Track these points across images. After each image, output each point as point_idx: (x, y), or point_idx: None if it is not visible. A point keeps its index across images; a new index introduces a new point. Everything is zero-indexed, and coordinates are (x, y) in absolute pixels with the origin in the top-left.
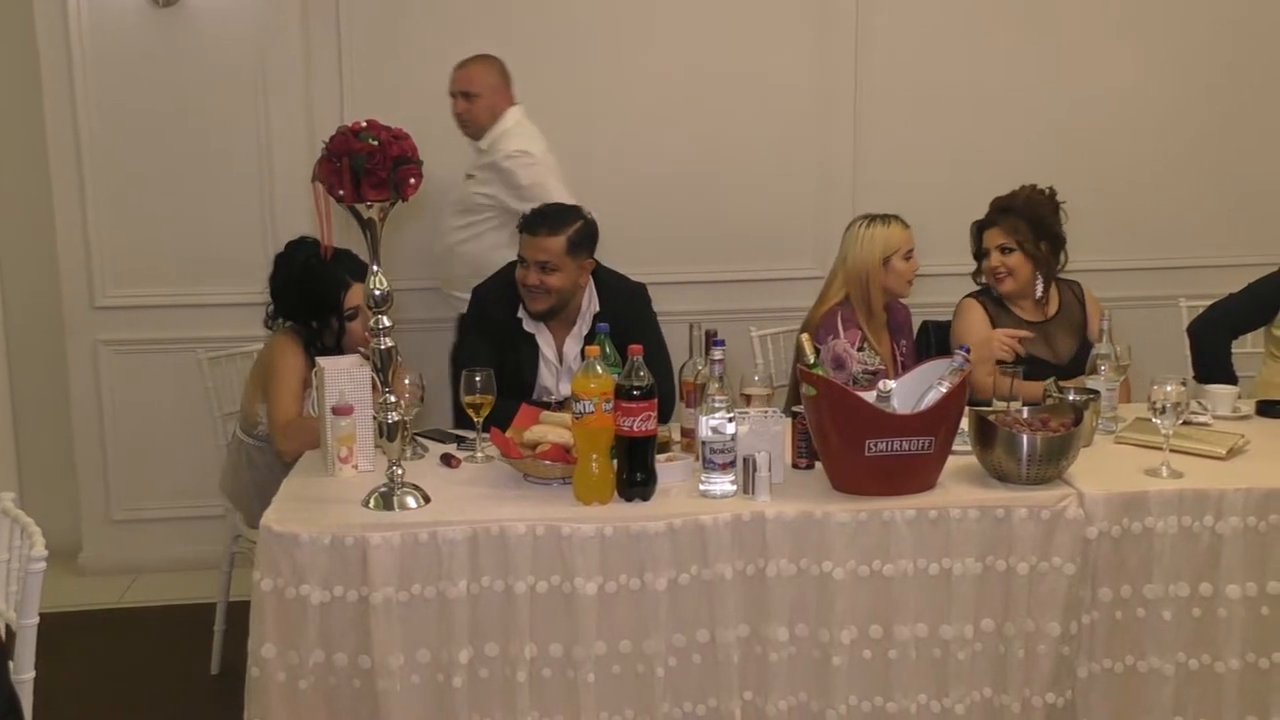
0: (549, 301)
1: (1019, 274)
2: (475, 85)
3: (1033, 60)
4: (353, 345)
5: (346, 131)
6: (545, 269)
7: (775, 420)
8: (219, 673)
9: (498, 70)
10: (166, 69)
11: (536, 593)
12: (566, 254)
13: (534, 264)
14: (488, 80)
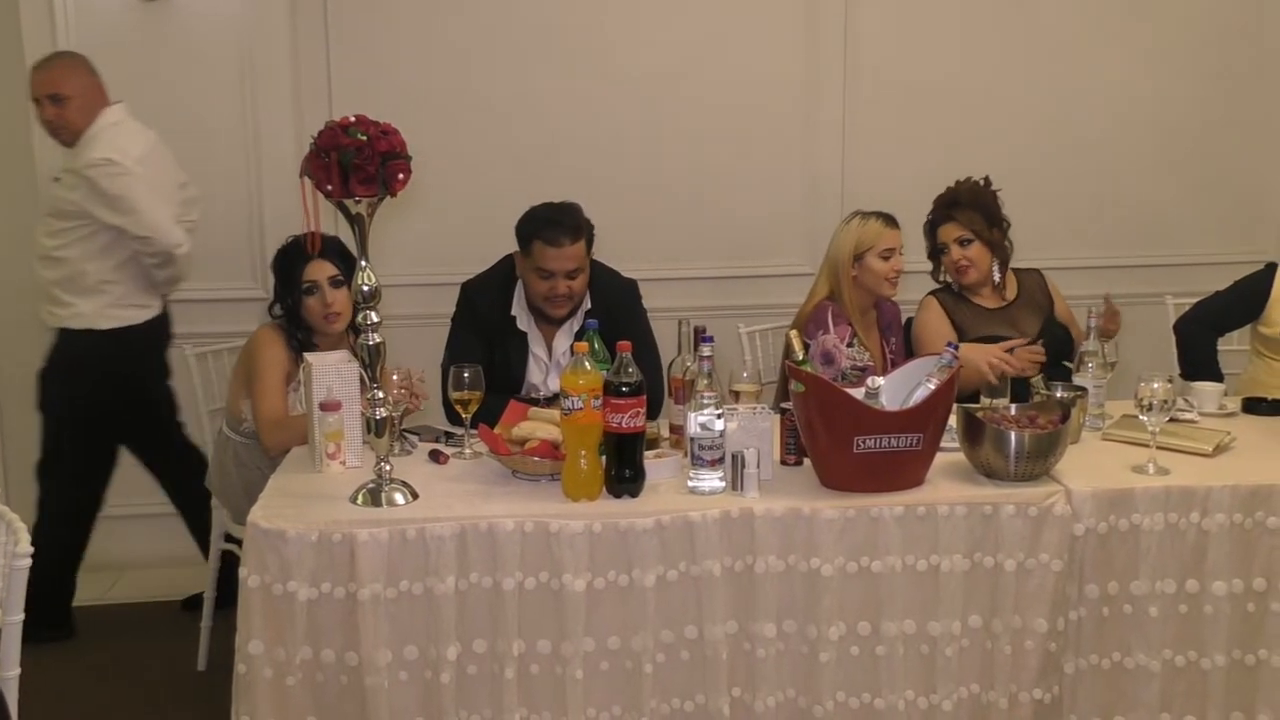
0: (572, 305)
1: (980, 263)
2: (64, 87)
3: (1021, 59)
4: (311, 322)
5: (335, 126)
6: (573, 275)
7: (764, 417)
8: (206, 669)
9: (85, 68)
10: (153, 63)
11: (525, 589)
12: (586, 255)
13: (563, 274)
14: (77, 80)
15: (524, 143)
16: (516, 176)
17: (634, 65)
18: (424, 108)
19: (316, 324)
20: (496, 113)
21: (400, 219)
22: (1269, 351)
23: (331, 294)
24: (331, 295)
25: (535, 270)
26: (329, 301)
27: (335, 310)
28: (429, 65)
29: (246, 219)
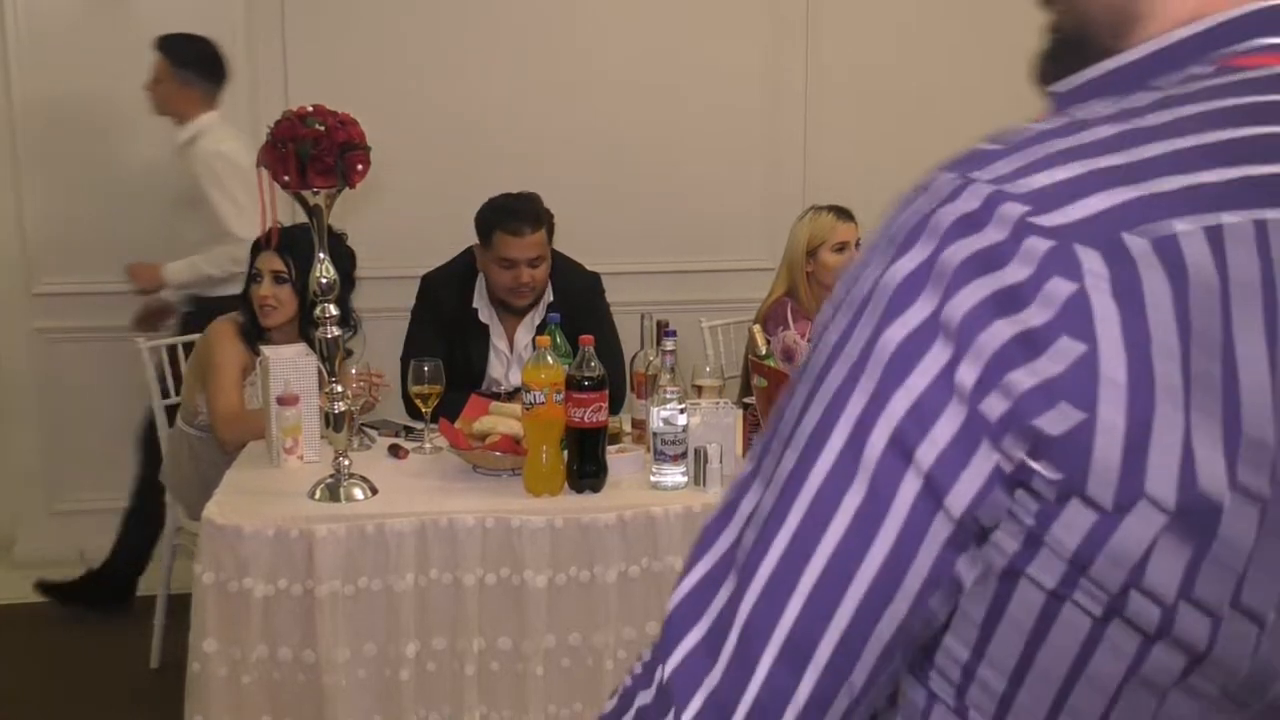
0: (535, 294)
1: None
2: None
3: (983, 53)
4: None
5: (292, 117)
6: (535, 264)
7: (727, 412)
8: (159, 667)
9: None
10: (105, 53)
11: (485, 585)
12: (547, 243)
13: (525, 263)
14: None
15: (485, 135)
16: (478, 169)
17: (596, 59)
18: (383, 99)
19: (256, 311)
20: (457, 105)
21: (361, 211)
22: None
23: (269, 287)
24: (269, 288)
25: (497, 261)
26: (264, 293)
27: (269, 303)
28: (388, 56)
29: None
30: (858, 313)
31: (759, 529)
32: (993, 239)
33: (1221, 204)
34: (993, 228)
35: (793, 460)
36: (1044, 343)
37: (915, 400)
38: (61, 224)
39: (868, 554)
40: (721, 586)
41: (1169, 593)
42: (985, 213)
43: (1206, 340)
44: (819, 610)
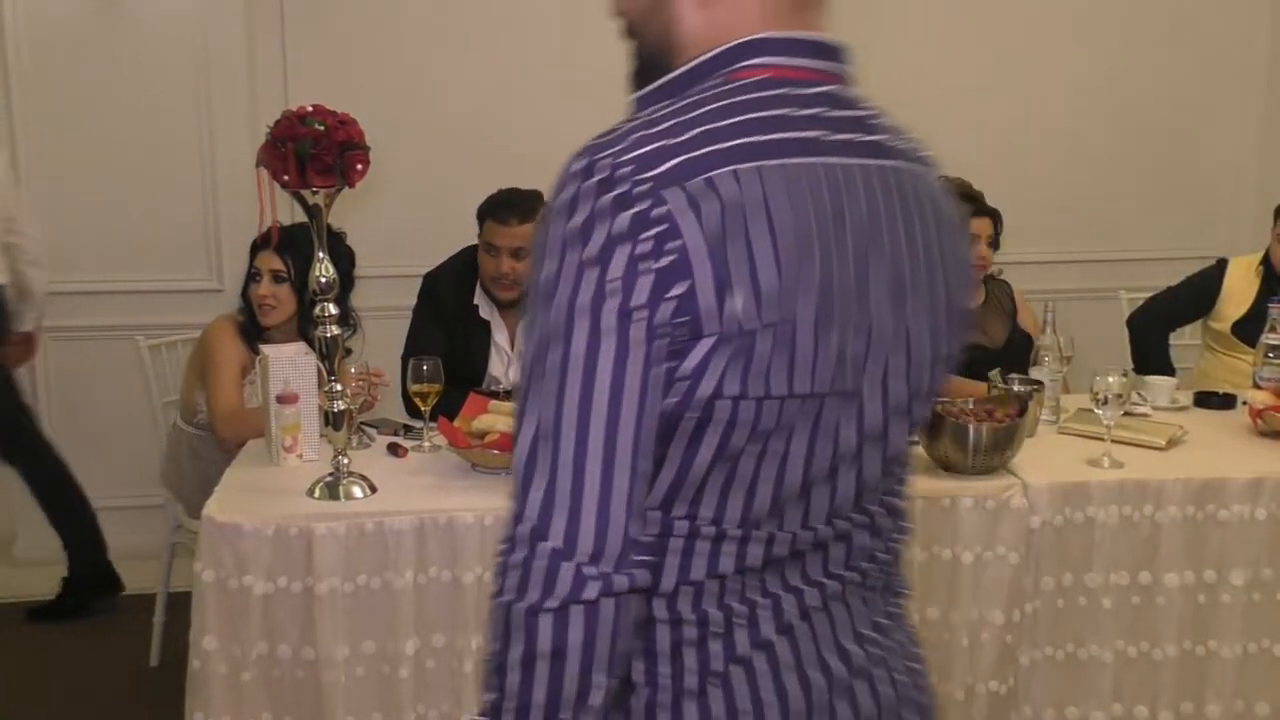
0: (518, 288)
1: (988, 266)
2: None
3: (978, 53)
4: (256, 306)
5: (292, 116)
6: (520, 255)
7: None
8: (158, 665)
9: None
10: (105, 51)
11: (484, 583)
12: None
13: (508, 251)
14: None
15: (484, 135)
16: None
17: (595, 59)
18: (383, 98)
19: (255, 310)
20: (456, 104)
21: (360, 211)
22: (1220, 346)
23: (268, 286)
24: (267, 287)
25: (484, 246)
26: (263, 293)
27: (268, 303)
28: (387, 55)
29: (201, 211)
30: (562, 251)
31: (553, 403)
32: (620, 190)
33: (738, 159)
34: (619, 185)
35: (559, 350)
36: (661, 244)
37: (622, 281)
38: (60, 223)
39: (626, 379)
40: (541, 451)
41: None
42: (612, 177)
43: (738, 233)
44: (612, 428)
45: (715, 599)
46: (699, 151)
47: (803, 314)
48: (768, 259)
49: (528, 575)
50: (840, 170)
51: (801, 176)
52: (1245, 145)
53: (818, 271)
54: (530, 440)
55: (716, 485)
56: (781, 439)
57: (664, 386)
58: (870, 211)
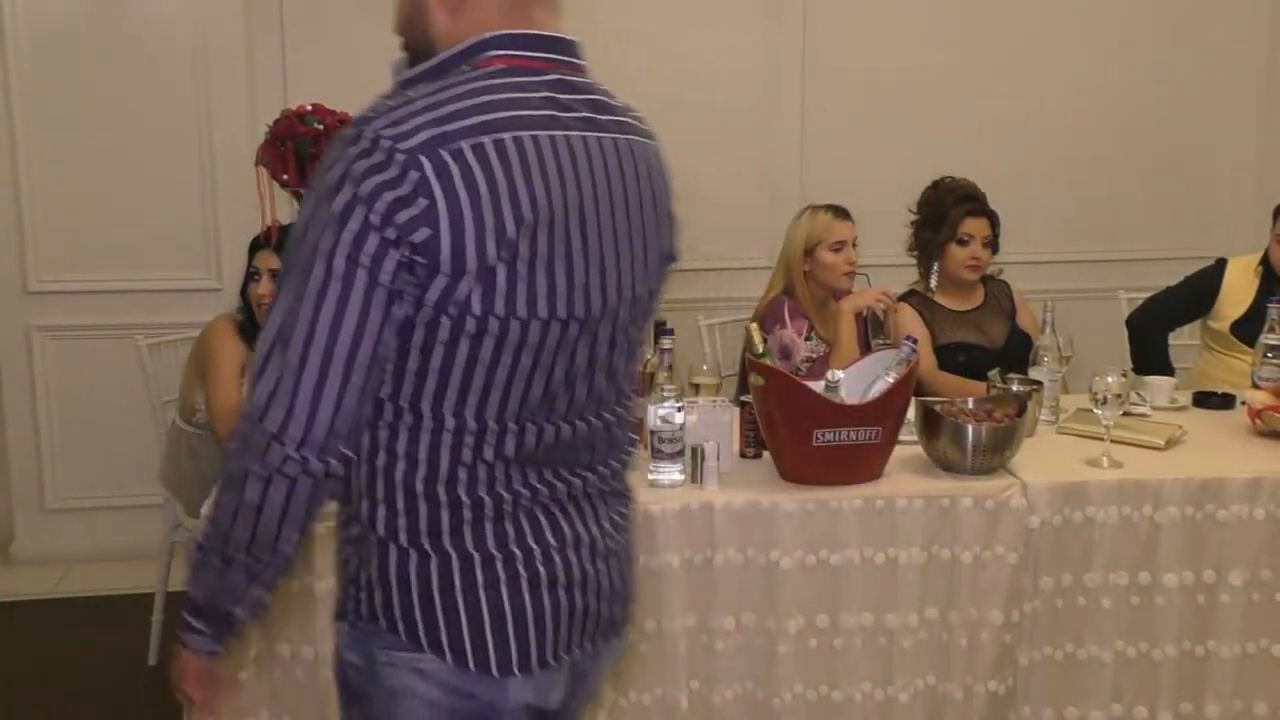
0: None
1: (984, 268)
2: None
3: (978, 53)
4: (255, 305)
5: (291, 115)
6: None
7: (723, 410)
8: (156, 664)
9: None
10: (104, 50)
11: None
12: None
13: None
14: None
15: None
16: None
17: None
18: None
19: (254, 310)
20: None
21: None
22: (1219, 346)
23: (267, 285)
24: (266, 287)
25: None
26: (263, 292)
27: (267, 302)
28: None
29: (200, 209)
30: (318, 202)
31: (291, 321)
32: (379, 158)
33: (481, 132)
34: (379, 152)
35: (303, 281)
36: (410, 200)
37: (354, 236)
38: (58, 222)
39: (346, 313)
40: (274, 356)
41: (479, 311)
42: (373, 145)
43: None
44: (332, 350)
45: (486, 486)
46: (449, 126)
47: (541, 253)
48: (508, 209)
49: (247, 445)
50: (571, 140)
51: (535, 145)
52: (1245, 146)
53: (557, 219)
54: (269, 346)
55: (477, 389)
56: (530, 354)
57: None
58: (598, 172)
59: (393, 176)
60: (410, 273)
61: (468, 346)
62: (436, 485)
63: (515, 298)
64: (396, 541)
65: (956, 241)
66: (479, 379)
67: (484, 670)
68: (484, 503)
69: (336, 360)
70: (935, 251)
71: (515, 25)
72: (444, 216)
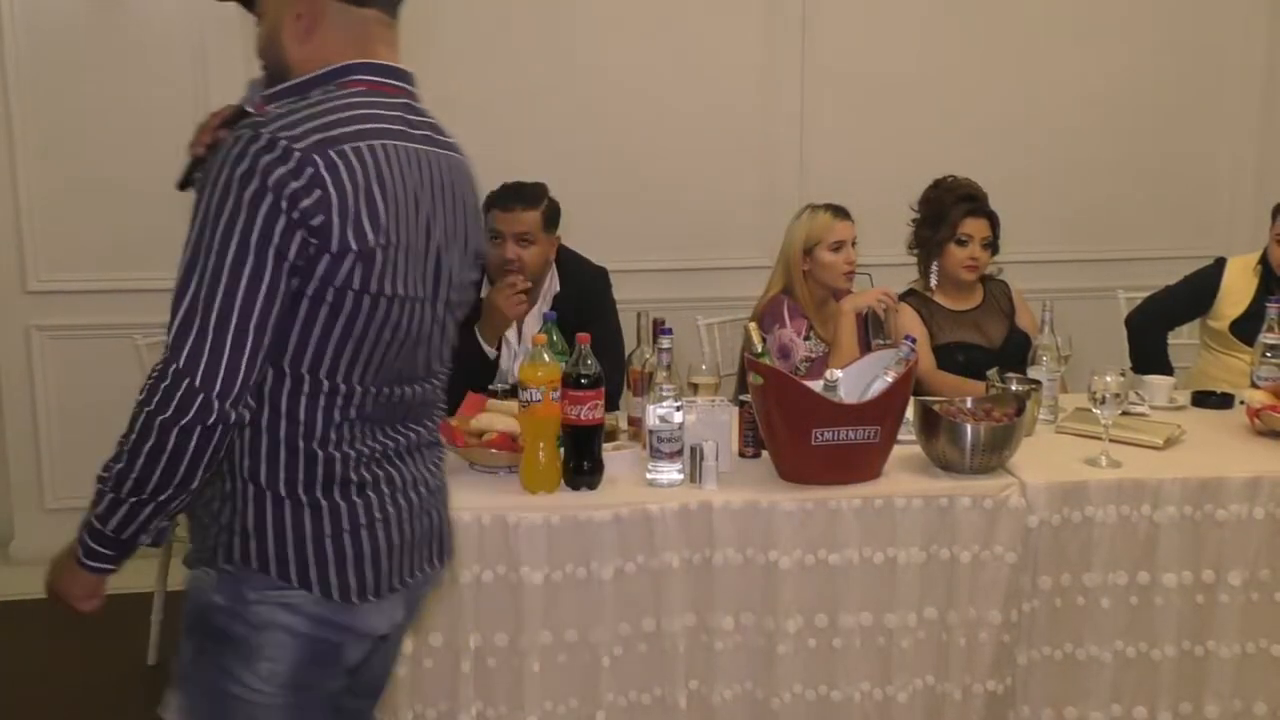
0: (525, 279)
1: (982, 269)
2: None
3: (976, 56)
4: None
5: None
6: (522, 241)
7: (722, 409)
8: (156, 663)
9: None
10: (104, 50)
11: (482, 582)
12: (542, 228)
13: (512, 236)
14: None
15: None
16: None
17: (594, 59)
18: None
19: None
20: (454, 102)
21: None
22: (1218, 345)
23: None
24: None
25: (489, 234)
26: None
27: None
28: None
29: None
30: (226, 190)
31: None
32: (279, 154)
33: (356, 138)
34: (279, 150)
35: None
36: (308, 190)
37: (265, 218)
38: (57, 221)
39: (260, 282)
40: (196, 320)
41: (357, 287)
42: (272, 144)
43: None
44: (249, 313)
45: (349, 441)
46: (332, 131)
47: (402, 241)
48: (381, 203)
49: (170, 398)
50: (419, 151)
51: (396, 152)
52: (1244, 145)
53: (411, 214)
54: (186, 309)
55: (348, 356)
56: (390, 327)
57: (301, 284)
58: (436, 180)
59: (292, 169)
60: (305, 252)
61: (345, 318)
62: (312, 442)
63: (384, 277)
64: (275, 492)
65: (955, 241)
66: (351, 347)
67: (345, 599)
68: (349, 457)
69: (251, 323)
70: (935, 250)
71: (362, 57)
72: (334, 205)
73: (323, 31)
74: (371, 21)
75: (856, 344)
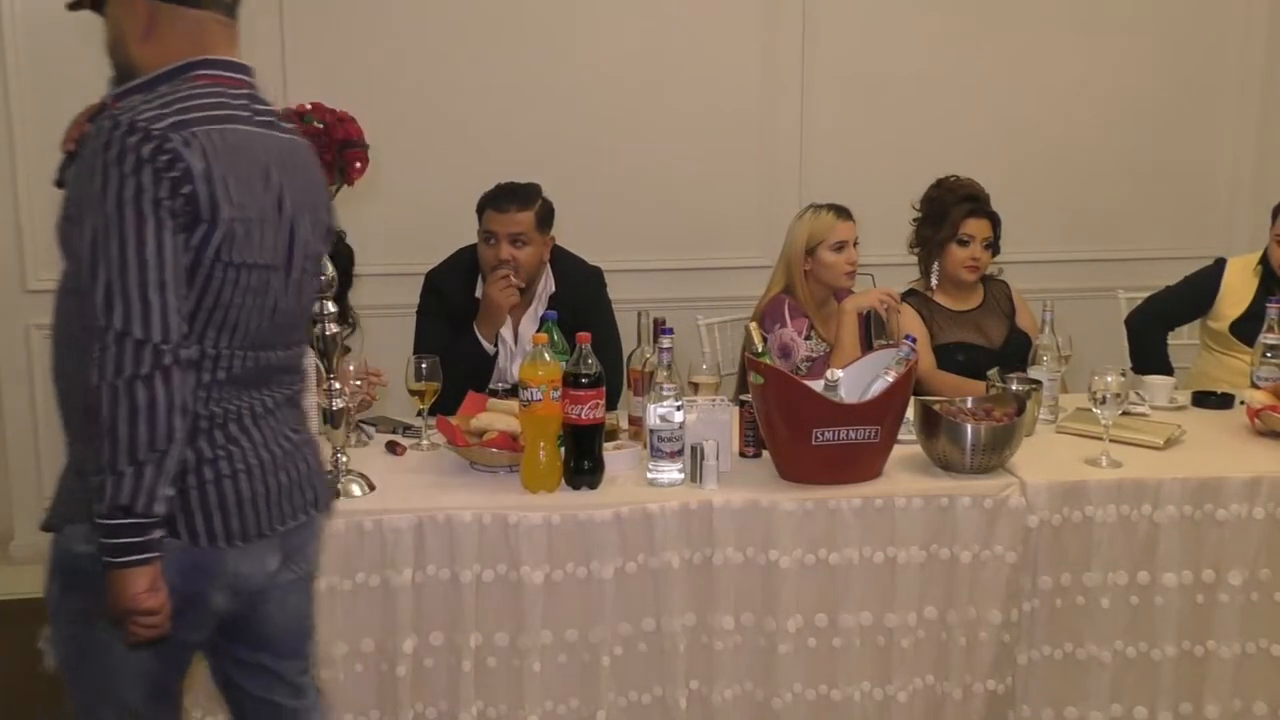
0: (520, 279)
1: (983, 269)
2: None
3: (978, 52)
4: None
5: (290, 114)
6: (517, 242)
7: (723, 409)
8: None
9: None
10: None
11: (482, 581)
12: (536, 228)
13: (506, 237)
14: None
15: (482, 133)
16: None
17: (594, 57)
18: (381, 97)
19: None
20: (454, 102)
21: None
22: (1218, 346)
23: None
24: None
25: (483, 237)
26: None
27: None
28: (386, 54)
29: None
30: (107, 171)
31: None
32: (142, 135)
33: (210, 122)
34: (141, 132)
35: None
36: (174, 164)
37: (151, 185)
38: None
39: (162, 241)
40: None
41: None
42: (133, 128)
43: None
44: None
45: (217, 400)
46: (186, 116)
47: (256, 214)
48: (234, 179)
49: (122, 360)
50: (264, 135)
51: (243, 136)
52: (1244, 145)
53: (261, 190)
54: (105, 281)
55: (216, 322)
56: (252, 292)
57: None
58: (282, 160)
59: (155, 147)
60: (183, 217)
61: (216, 286)
62: None
63: (244, 247)
64: None
65: (957, 241)
66: (218, 315)
67: (212, 543)
68: (214, 415)
69: (166, 271)
70: (936, 250)
71: (204, 54)
72: (196, 179)
73: (162, 32)
74: (208, 21)
75: (857, 344)
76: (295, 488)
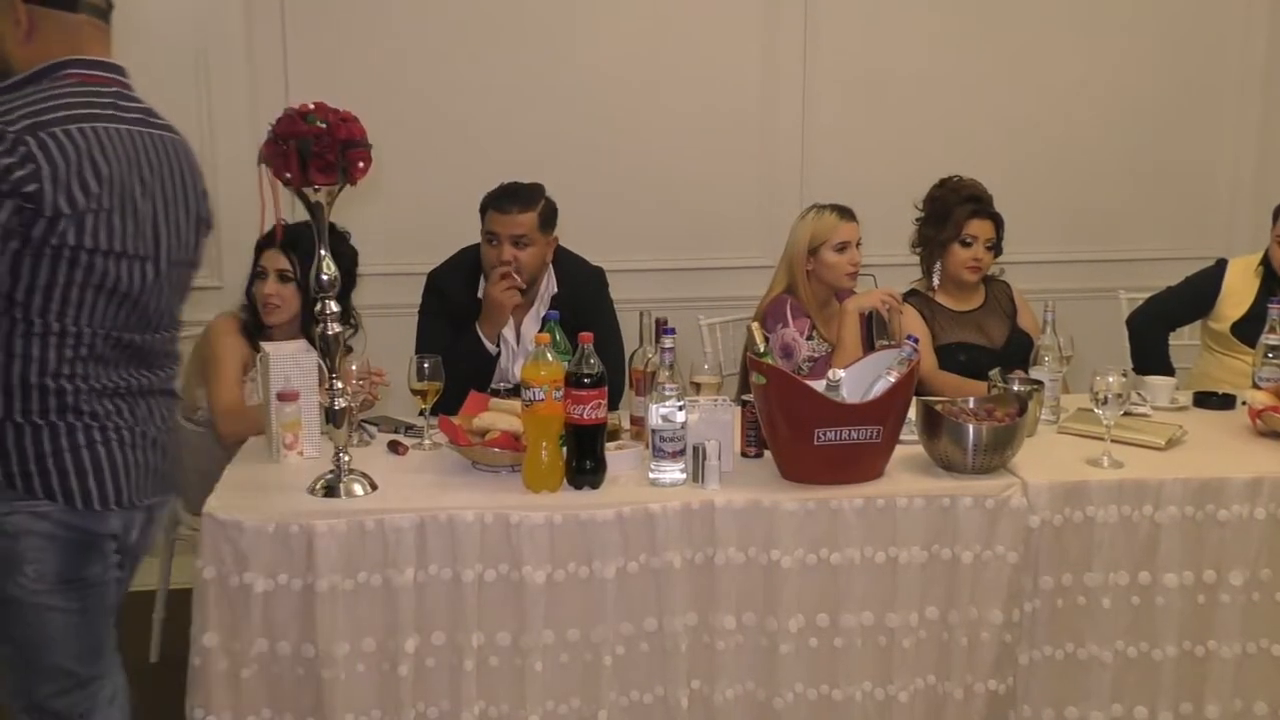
0: (522, 280)
1: (984, 270)
2: None
3: (978, 52)
4: (257, 305)
5: (293, 114)
6: (519, 243)
7: (725, 409)
8: (158, 661)
9: None
10: None
11: (484, 581)
12: (539, 229)
13: (508, 239)
14: None
15: (485, 133)
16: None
17: (595, 58)
18: (384, 96)
19: (259, 309)
20: (456, 103)
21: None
22: (1219, 346)
23: (273, 285)
24: (273, 286)
25: (486, 237)
26: (269, 291)
27: (273, 301)
28: (388, 54)
29: None
30: None
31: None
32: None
33: (69, 121)
34: None
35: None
36: (22, 164)
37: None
38: None
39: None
40: None
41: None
42: None
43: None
44: None
45: (83, 378)
46: (45, 116)
47: (116, 205)
48: (92, 173)
49: None
50: (134, 132)
51: (107, 132)
52: (1244, 146)
53: (126, 182)
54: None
55: (74, 303)
56: (109, 277)
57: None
58: (151, 155)
59: (8, 148)
60: (20, 216)
61: (66, 270)
62: (45, 377)
63: (98, 234)
64: (13, 420)
65: (960, 242)
66: (75, 295)
67: (88, 506)
68: (80, 389)
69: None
70: (938, 250)
71: (78, 54)
72: (46, 175)
73: (42, 35)
74: (84, 24)
75: (859, 344)
76: (159, 469)
